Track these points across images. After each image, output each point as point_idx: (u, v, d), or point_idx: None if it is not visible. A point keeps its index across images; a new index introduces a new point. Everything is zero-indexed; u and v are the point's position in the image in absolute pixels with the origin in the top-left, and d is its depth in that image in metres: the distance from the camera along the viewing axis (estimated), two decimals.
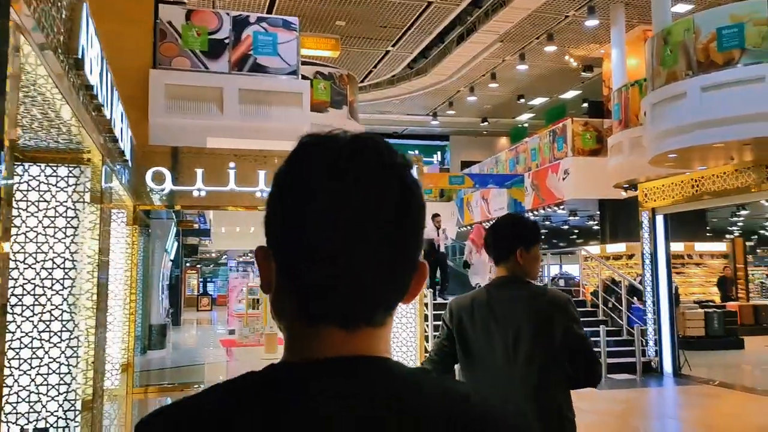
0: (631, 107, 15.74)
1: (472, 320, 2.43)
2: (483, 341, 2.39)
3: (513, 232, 2.55)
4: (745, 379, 9.34)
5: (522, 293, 2.45)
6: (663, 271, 7.90)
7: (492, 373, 2.34)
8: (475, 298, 2.51)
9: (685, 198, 7.43)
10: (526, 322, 2.36)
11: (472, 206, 27.05)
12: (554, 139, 20.15)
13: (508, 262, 2.50)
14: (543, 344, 2.33)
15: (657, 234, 7.81)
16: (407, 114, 27.83)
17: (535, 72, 22.01)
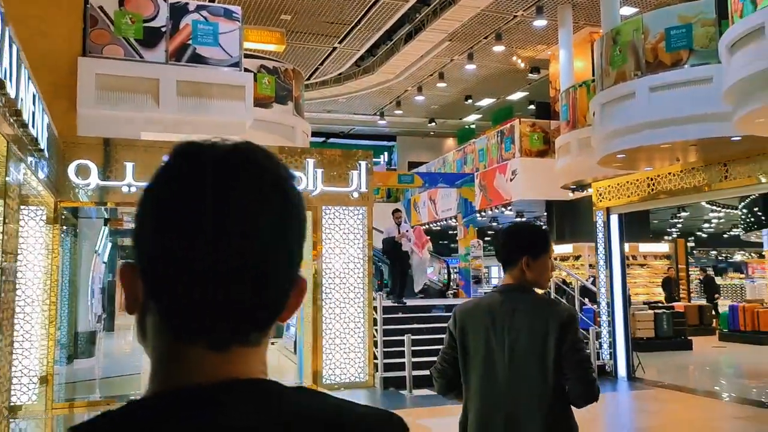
0: (579, 108, 15.75)
1: (474, 325, 2.40)
2: (482, 349, 2.36)
3: (518, 240, 2.48)
4: (698, 381, 9.29)
5: (523, 303, 2.39)
6: (617, 271, 7.72)
7: (490, 382, 2.32)
8: (479, 304, 2.49)
9: (641, 197, 7.25)
10: (525, 331, 2.32)
11: (419, 207, 26.83)
12: (502, 140, 20.08)
13: (514, 270, 2.44)
14: (539, 354, 2.29)
15: (611, 234, 7.62)
16: (354, 113, 27.42)
17: (482, 72, 21.94)
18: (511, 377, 2.30)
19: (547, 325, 2.31)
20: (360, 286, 7.31)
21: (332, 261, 7.26)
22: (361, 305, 7.28)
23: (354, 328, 7.29)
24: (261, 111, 13.22)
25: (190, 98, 10.84)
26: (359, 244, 7.32)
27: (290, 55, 19.92)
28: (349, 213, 7.39)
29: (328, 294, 7.16)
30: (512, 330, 2.33)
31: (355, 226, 7.36)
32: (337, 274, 7.26)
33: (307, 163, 7.25)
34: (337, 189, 7.32)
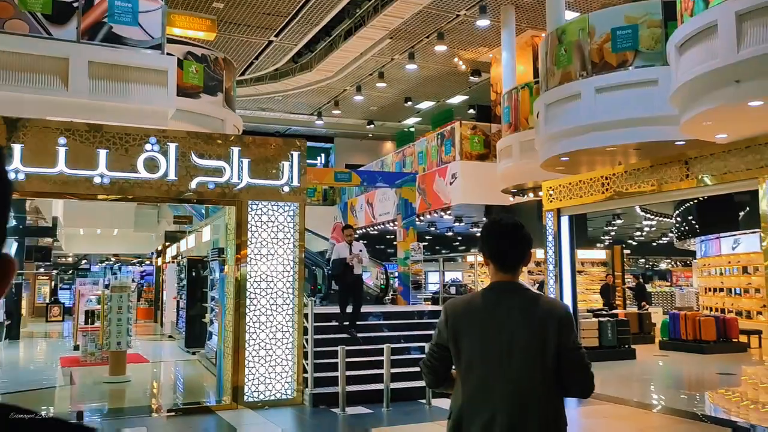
0: (522, 110, 15.43)
1: (468, 325, 2.36)
2: (478, 347, 2.34)
3: (527, 242, 2.46)
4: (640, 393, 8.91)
5: (520, 300, 2.37)
6: (567, 277, 7.24)
7: (486, 380, 2.31)
8: (472, 302, 2.45)
9: (595, 198, 6.78)
10: (522, 330, 2.30)
11: (356, 210, 26.14)
12: (442, 143, 19.64)
13: (515, 270, 2.44)
14: (536, 353, 2.28)
15: (561, 237, 7.13)
16: (291, 112, 26.52)
17: (423, 73, 21.49)
18: (510, 376, 2.27)
19: (545, 324, 2.30)
20: (289, 292, 6.54)
21: (259, 263, 6.46)
22: (291, 313, 6.51)
23: (282, 338, 6.51)
24: (187, 101, 12.24)
25: (104, 82, 9.80)
26: (289, 244, 6.56)
27: (223, 47, 18.91)
28: (278, 209, 6.62)
29: (253, 300, 6.36)
30: (510, 329, 2.31)
31: (285, 225, 6.59)
32: (263, 278, 6.47)
33: (231, 151, 6.43)
34: (265, 182, 6.54)
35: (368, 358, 7.82)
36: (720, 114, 8.61)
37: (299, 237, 6.63)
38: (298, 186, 6.58)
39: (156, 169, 5.96)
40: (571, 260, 7.23)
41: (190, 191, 6.10)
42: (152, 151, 6.10)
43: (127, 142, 6.02)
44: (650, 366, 10.68)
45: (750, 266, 14.65)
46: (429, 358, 2.48)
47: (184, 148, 6.17)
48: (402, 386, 7.47)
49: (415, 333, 8.81)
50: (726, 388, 9.22)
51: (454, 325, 2.38)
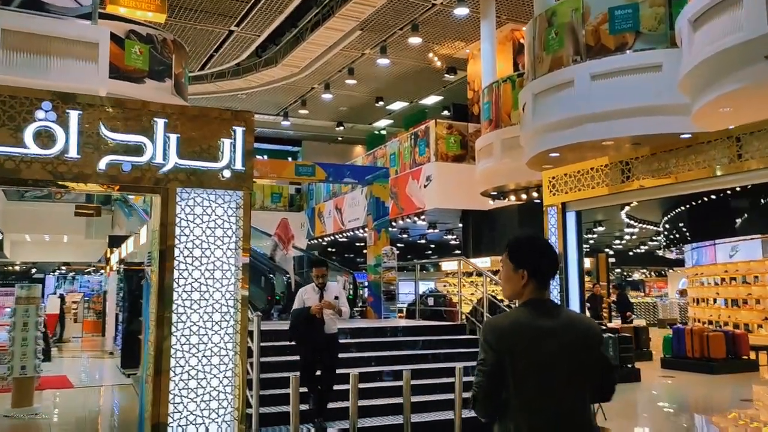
0: (503, 105, 14.21)
1: (517, 344, 2.35)
2: (530, 367, 2.33)
3: (557, 257, 2.87)
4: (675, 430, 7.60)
5: (563, 319, 2.43)
6: (575, 286, 5.94)
7: (541, 399, 2.33)
8: (517, 321, 2.43)
9: (610, 189, 5.46)
10: (571, 349, 2.36)
11: (324, 217, 24.72)
12: (416, 143, 18.36)
13: (549, 284, 2.53)
14: (584, 369, 2.37)
15: (567, 237, 5.83)
16: (255, 112, 24.87)
17: (396, 70, 20.21)
18: (562, 393, 2.33)
19: (589, 339, 2.39)
20: (230, 305, 5.12)
21: (189, 268, 5.03)
22: (231, 332, 5.08)
23: (218, 364, 5.06)
24: (129, 86, 10.74)
25: (22, 54, 8.29)
26: (230, 244, 5.14)
27: (179, 36, 17.38)
28: (217, 200, 5.19)
29: (182, 316, 4.92)
30: (559, 345, 2.34)
31: (225, 220, 5.18)
32: (196, 288, 5.04)
33: (155, 124, 5.00)
34: (200, 164, 5.12)
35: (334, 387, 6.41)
36: (743, 97, 7.43)
37: (243, 236, 5.21)
38: (243, 171, 5.17)
39: (51, 144, 4.48)
40: (579, 266, 5.94)
41: (98, 174, 4.62)
42: (46, 120, 4.63)
43: (12, 107, 4.54)
44: (660, 390, 9.39)
45: (750, 275, 13.65)
46: (486, 382, 2.38)
47: (91, 118, 4.71)
48: (374, 424, 6.10)
49: (389, 354, 7.41)
50: None
51: (503, 345, 2.35)
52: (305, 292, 6.65)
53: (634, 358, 9.49)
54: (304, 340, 6.39)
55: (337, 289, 6.70)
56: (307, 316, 6.33)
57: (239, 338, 5.18)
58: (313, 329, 6.28)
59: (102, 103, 4.93)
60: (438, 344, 8.22)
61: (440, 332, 8.40)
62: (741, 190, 13.27)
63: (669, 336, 10.70)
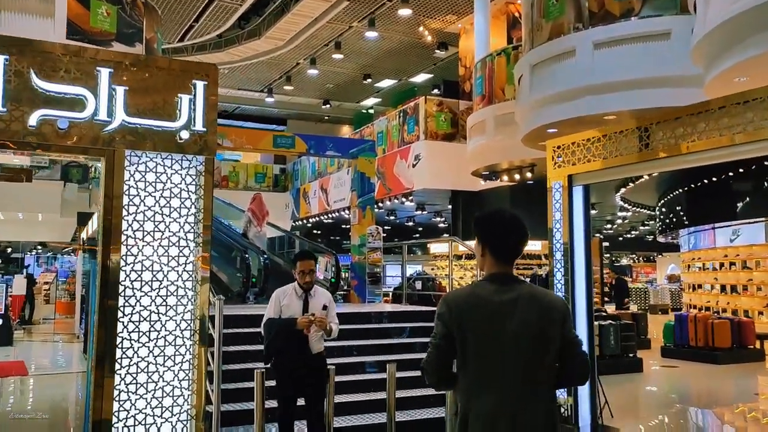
0: (497, 80, 13.51)
1: (473, 316, 2.34)
2: (484, 338, 2.30)
3: (527, 237, 2.50)
4: (688, 427, 6.99)
5: (523, 291, 2.38)
6: (581, 269, 5.27)
7: (493, 371, 2.29)
8: (474, 294, 2.40)
9: (627, 159, 4.76)
10: (529, 320, 2.30)
11: (309, 197, 24.00)
12: (404, 121, 17.62)
13: (513, 261, 2.47)
14: (543, 343, 2.29)
15: (574, 215, 5.17)
16: (238, 88, 24.11)
17: (384, 45, 19.41)
18: (518, 368, 2.26)
19: (551, 314, 2.32)
20: (187, 287, 4.41)
21: (140, 244, 4.30)
22: (189, 318, 4.38)
23: (173, 355, 4.36)
24: None
25: None
26: (189, 217, 4.42)
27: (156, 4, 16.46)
28: (173, 165, 4.46)
29: (130, 300, 4.21)
30: (517, 319, 2.30)
31: (183, 189, 4.45)
32: (147, 266, 4.32)
33: (98, 74, 4.25)
34: (153, 123, 4.38)
35: None
36: (763, 65, 6.77)
37: (205, 208, 4.48)
38: (205, 132, 4.43)
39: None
40: (586, 248, 5.27)
41: (27, 132, 3.88)
42: None
43: None
44: (665, 382, 8.78)
45: (751, 260, 13.11)
46: (436, 355, 2.37)
47: (20, 64, 3.94)
48: (353, 424, 5.43)
49: (373, 342, 6.73)
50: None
51: (459, 318, 2.32)
52: (284, 296, 5.03)
53: (636, 347, 8.92)
54: (282, 359, 4.77)
55: (326, 297, 5.12)
56: (288, 332, 4.69)
57: (198, 326, 4.47)
58: (294, 344, 4.72)
59: (33, 46, 4.17)
60: (426, 332, 7.58)
61: (429, 318, 7.77)
62: (744, 171, 12.72)
63: (670, 323, 10.13)
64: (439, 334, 2.37)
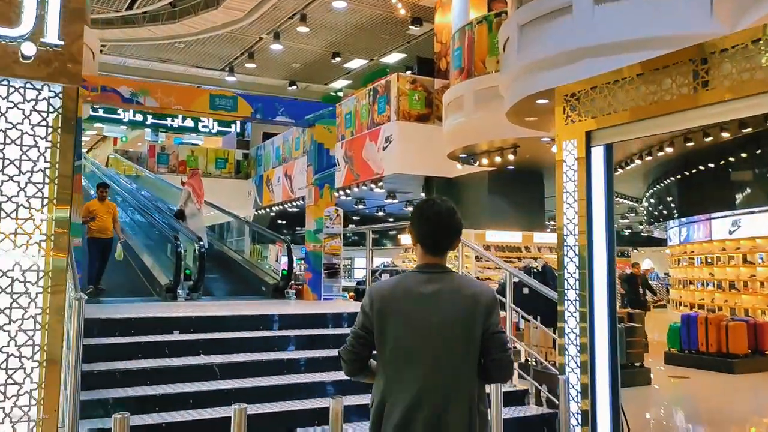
0: (477, 51, 12.12)
1: (395, 307, 2.28)
2: (404, 330, 2.26)
3: (460, 230, 2.40)
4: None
5: (449, 282, 2.32)
6: (601, 258, 3.91)
7: (411, 363, 2.24)
8: (399, 284, 2.35)
9: (673, 102, 3.39)
10: (450, 312, 2.26)
11: (273, 184, 22.45)
12: (375, 100, 16.14)
13: (444, 252, 2.38)
14: (464, 336, 2.25)
15: (592, 184, 3.80)
16: (196, 66, 22.38)
17: (354, 19, 17.88)
18: (437, 361, 2.23)
19: (474, 306, 2.27)
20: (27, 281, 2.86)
21: None
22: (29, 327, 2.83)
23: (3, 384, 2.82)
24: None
25: None
26: (34, 176, 2.86)
27: None
28: (11, 95, 2.90)
29: None
30: (438, 312, 2.26)
31: (25, 131, 2.90)
32: None
33: None
34: None
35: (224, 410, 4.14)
36: None
37: (62, 164, 2.95)
38: (61, 47, 2.89)
39: None
40: (608, 231, 3.89)
41: None
42: None
43: None
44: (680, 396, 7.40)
45: (753, 254, 11.96)
46: (353, 344, 2.35)
47: None
48: None
49: (329, 354, 5.20)
50: None
51: (381, 309, 2.29)
52: None
53: (643, 356, 7.59)
54: None
55: None
56: None
57: (45, 338, 2.97)
58: None
59: None
60: None
61: None
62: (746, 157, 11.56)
63: (676, 325, 8.89)
64: (358, 323, 2.35)
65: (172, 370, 4.35)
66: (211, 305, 6.74)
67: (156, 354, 4.51)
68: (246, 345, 5.07)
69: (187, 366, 4.44)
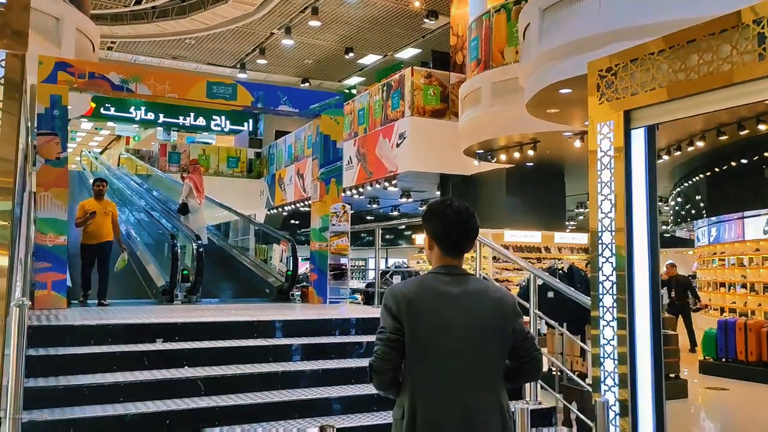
0: (495, 41, 11.55)
1: (425, 309, 2.15)
2: (436, 334, 2.13)
3: (477, 231, 2.30)
4: None
5: (474, 286, 2.22)
6: (642, 257, 3.36)
7: (444, 369, 2.12)
8: (423, 285, 2.21)
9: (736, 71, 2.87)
10: (480, 317, 2.16)
11: (285, 184, 21.96)
12: (388, 95, 15.59)
13: (463, 254, 2.29)
14: (498, 340, 2.17)
15: (633, 171, 3.25)
16: (208, 63, 21.98)
17: (368, 13, 17.37)
18: (469, 365, 2.14)
19: (503, 309, 2.21)
20: None
21: None
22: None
23: None
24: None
25: None
26: None
27: None
28: None
29: None
30: (471, 313, 2.16)
31: None
32: None
33: None
34: None
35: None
36: None
37: (4, 150, 2.41)
38: (4, 5, 2.36)
39: None
40: (650, 225, 3.35)
41: None
42: None
43: None
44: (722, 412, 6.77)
45: None
46: (386, 351, 2.13)
47: None
48: None
49: (336, 365, 4.63)
50: None
51: (410, 309, 2.13)
52: None
53: (679, 366, 6.95)
54: None
55: None
56: None
57: None
58: None
59: None
60: None
61: None
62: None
63: (712, 331, 8.23)
64: (388, 327, 2.16)
65: (148, 384, 3.83)
66: (207, 309, 6.23)
67: (134, 365, 4.01)
68: (238, 355, 4.56)
69: (167, 380, 3.92)
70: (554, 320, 5.14)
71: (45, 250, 5.97)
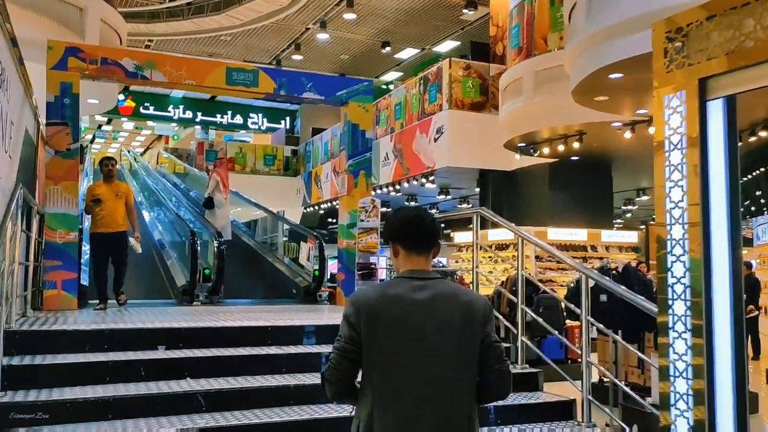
0: (538, 27, 10.90)
1: (386, 316, 2.06)
2: (398, 341, 2.05)
3: (437, 224, 2.26)
4: None
5: (443, 290, 2.12)
6: (722, 251, 2.79)
7: (408, 378, 2.04)
8: (386, 293, 2.12)
9: None
10: (449, 324, 2.07)
11: (321, 181, 21.62)
12: (425, 89, 15.04)
13: (428, 254, 2.21)
14: (464, 347, 2.07)
15: (709, 150, 2.69)
16: (244, 59, 21.73)
17: (404, 4, 16.83)
18: (436, 372, 2.04)
19: (472, 314, 2.10)
20: None
21: None
22: None
23: None
24: None
25: None
26: None
27: None
28: None
29: None
30: (436, 319, 2.06)
31: None
32: None
33: None
34: None
35: None
36: None
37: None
38: None
39: None
40: (731, 216, 2.78)
41: None
42: None
43: None
44: None
45: None
46: (339, 361, 2.08)
47: None
48: None
49: None
50: None
51: (369, 317, 2.05)
52: None
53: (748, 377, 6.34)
54: None
55: None
56: None
57: None
58: None
59: None
60: None
61: None
62: None
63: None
64: (344, 336, 2.09)
65: (143, 399, 3.38)
66: (225, 312, 5.76)
67: (129, 377, 3.57)
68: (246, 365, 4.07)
69: (163, 395, 3.47)
70: (607, 326, 4.55)
71: (55, 248, 5.63)
